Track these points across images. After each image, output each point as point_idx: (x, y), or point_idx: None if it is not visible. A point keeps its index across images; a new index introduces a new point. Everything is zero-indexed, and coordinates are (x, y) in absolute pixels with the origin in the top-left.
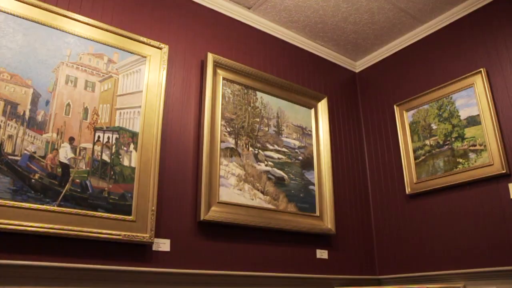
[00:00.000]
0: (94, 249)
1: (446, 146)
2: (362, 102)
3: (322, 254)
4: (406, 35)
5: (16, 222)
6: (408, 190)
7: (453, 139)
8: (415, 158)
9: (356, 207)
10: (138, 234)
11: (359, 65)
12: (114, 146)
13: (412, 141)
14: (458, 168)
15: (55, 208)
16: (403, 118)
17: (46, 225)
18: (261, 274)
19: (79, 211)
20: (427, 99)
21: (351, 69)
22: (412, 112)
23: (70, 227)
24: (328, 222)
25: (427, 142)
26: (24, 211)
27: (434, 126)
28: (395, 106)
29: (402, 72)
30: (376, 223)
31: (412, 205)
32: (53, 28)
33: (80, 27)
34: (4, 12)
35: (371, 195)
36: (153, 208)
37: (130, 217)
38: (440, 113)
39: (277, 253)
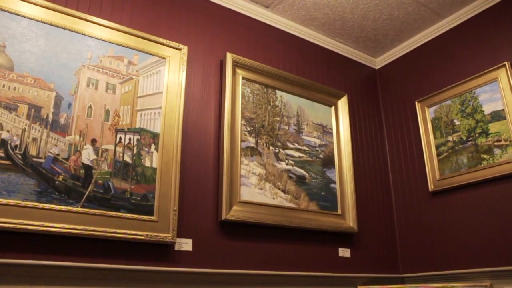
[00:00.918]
0: (117, 249)
1: (470, 142)
2: (382, 99)
3: (344, 252)
4: (427, 30)
5: (41, 223)
6: (431, 187)
7: (476, 135)
8: (438, 155)
9: (378, 205)
10: (161, 234)
11: (379, 62)
12: (135, 147)
13: (435, 137)
14: (482, 164)
15: (79, 209)
16: (425, 115)
17: (70, 226)
18: (283, 273)
19: (102, 212)
20: (449, 95)
21: (371, 66)
22: (434, 108)
23: (93, 228)
24: (350, 221)
25: (449, 138)
26: (48, 212)
27: (457, 122)
28: (416, 103)
29: (423, 68)
30: (399, 220)
31: (435, 202)
32: (74, 32)
33: (100, 30)
34: (27, 18)
35: (393, 193)
36: (175, 208)
37: (152, 218)
38: (463, 108)
39: (299, 252)
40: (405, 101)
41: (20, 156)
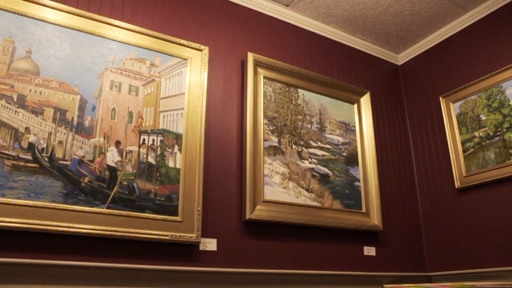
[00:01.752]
0: (142, 249)
1: (497, 137)
2: (406, 95)
3: (369, 251)
4: (450, 24)
5: (68, 224)
6: (457, 184)
7: (504, 130)
8: (464, 151)
9: (403, 203)
10: (185, 234)
11: (401, 58)
12: (159, 148)
13: (460, 133)
14: (510, 160)
15: (105, 210)
16: (450, 110)
17: (96, 227)
18: (308, 272)
19: (127, 212)
20: (475, 89)
21: (393, 62)
22: (459, 103)
23: (119, 229)
24: (375, 219)
25: (476, 133)
26: (75, 213)
27: (483, 117)
28: (440, 98)
29: (447, 63)
30: (425, 218)
31: (462, 199)
32: (97, 35)
33: (122, 33)
34: (51, 23)
35: (419, 190)
36: (199, 208)
37: (176, 218)
38: (490, 103)
39: (323, 251)
40: (429, 96)
41: (47, 159)
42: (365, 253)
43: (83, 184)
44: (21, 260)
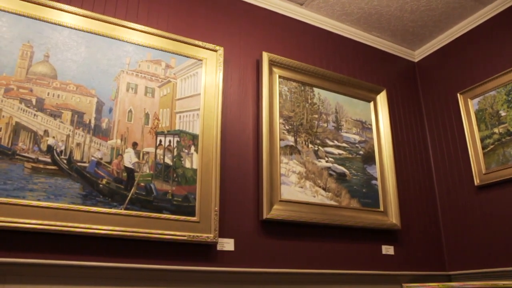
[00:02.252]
0: (160, 250)
1: None
2: (423, 93)
3: (388, 250)
4: (468, 19)
5: (87, 225)
6: (476, 182)
7: None
8: (483, 148)
9: (422, 201)
10: (203, 235)
11: (418, 54)
12: (175, 149)
13: (479, 130)
14: None
15: (122, 211)
16: (468, 107)
17: (114, 228)
18: (326, 272)
19: (145, 213)
20: (494, 85)
21: (409, 59)
22: (477, 99)
23: (137, 229)
24: (393, 217)
25: (495, 130)
26: (93, 215)
27: (503, 113)
28: (458, 95)
29: (464, 59)
30: (444, 216)
31: (482, 197)
32: (113, 38)
33: (137, 35)
34: (68, 27)
35: (437, 188)
36: (216, 208)
37: (194, 218)
38: (509, 98)
39: (341, 250)
40: (446, 93)
41: (65, 161)
42: (383, 252)
43: (101, 185)
44: (42, 261)
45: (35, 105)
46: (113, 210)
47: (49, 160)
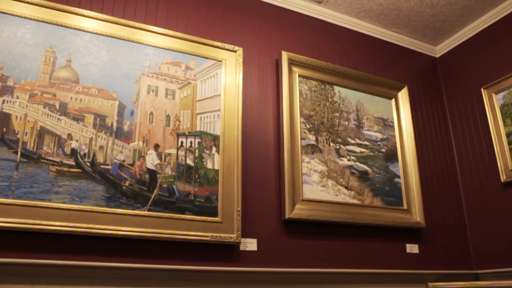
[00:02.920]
0: (183, 250)
1: None
2: (445, 88)
3: (412, 248)
4: (490, 12)
5: (111, 227)
6: (503, 178)
7: None
8: (509, 143)
9: (446, 198)
10: (225, 235)
11: (439, 50)
12: (197, 150)
13: (505, 125)
14: None
15: (146, 212)
16: (492, 101)
17: (137, 229)
18: (349, 271)
19: (168, 214)
20: None
21: (431, 55)
22: (502, 94)
23: (160, 230)
24: (417, 215)
25: None
26: (117, 216)
27: None
28: (482, 89)
29: (487, 53)
30: (469, 214)
31: (509, 193)
32: (133, 41)
33: (157, 38)
34: (89, 32)
35: (462, 185)
36: (238, 208)
37: (216, 219)
38: None
39: (364, 249)
40: (470, 88)
41: (89, 164)
42: (408, 250)
43: (124, 187)
44: (68, 262)
45: (59, 109)
46: (136, 212)
47: (73, 163)
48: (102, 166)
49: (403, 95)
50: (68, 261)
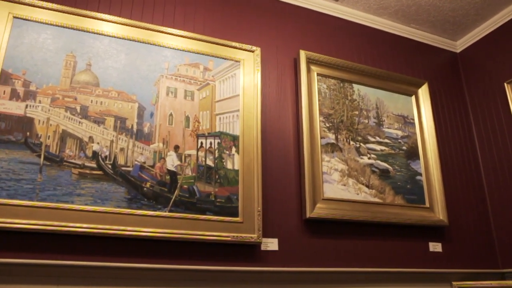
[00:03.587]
0: (205, 251)
1: None
2: (466, 84)
3: (435, 247)
4: None
5: (133, 228)
6: None
7: None
8: None
9: (470, 196)
10: (246, 235)
11: (460, 45)
12: (216, 151)
13: None
14: None
15: (167, 213)
16: None
17: (159, 230)
18: (371, 270)
19: (189, 215)
20: None
21: (451, 50)
22: None
23: (181, 231)
24: (440, 213)
25: None
26: (139, 217)
27: None
28: (505, 84)
29: (510, 46)
30: (494, 211)
31: None
32: (151, 44)
33: (175, 40)
34: (108, 36)
35: (486, 182)
36: (259, 208)
37: (237, 219)
38: None
39: (386, 248)
40: (492, 83)
41: (110, 166)
42: (431, 249)
43: (145, 189)
44: (92, 263)
45: (80, 112)
46: (157, 213)
47: (94, 165)
48: (123, 168)
49: (423, 92)
50: (92, 262)
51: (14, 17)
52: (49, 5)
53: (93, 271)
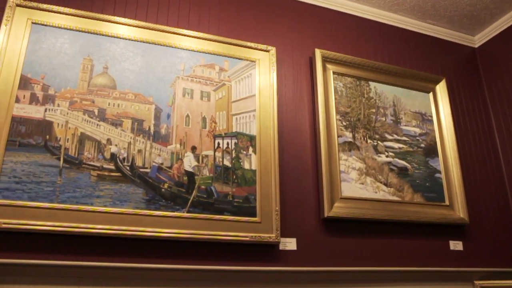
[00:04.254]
0: (223, 251)
1: None
2: (485, 79)
3: (456, 245)
4: None
5: (152, 229)
6: None
7: None
8: None
9: (491, 193)
10: (265, 235)
11: (478, 40)
12: (233, 151)
13: None
14: None
15: (185, 214)
16: None
17: (177, 231)
18: (391, 269)
19: (207, 215)
20: None
21: (469, 45)
22: None
23: (199, 231)
24: (460, 211)
25: None
26: (157, 218)
27: None
28: None
29: None
30: None
31: None
32: (167, 46)
33: (190, 41)
34: (124, 39)
35: (507, 179)
36: (276, 208)
37: (255, 219)
38: None
39: (406, 247)
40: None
41: (128, 168)
42: (451, 247)
43: (163, 190)
44: (112, 264)
45: (98, 115)
46: (176, 214)
47: (113, 167)
48: (141, 170)
49: (441, 88)
50: (111, 263)
51: (33, 22)
52: (66, 10)
53: (112, 271)
